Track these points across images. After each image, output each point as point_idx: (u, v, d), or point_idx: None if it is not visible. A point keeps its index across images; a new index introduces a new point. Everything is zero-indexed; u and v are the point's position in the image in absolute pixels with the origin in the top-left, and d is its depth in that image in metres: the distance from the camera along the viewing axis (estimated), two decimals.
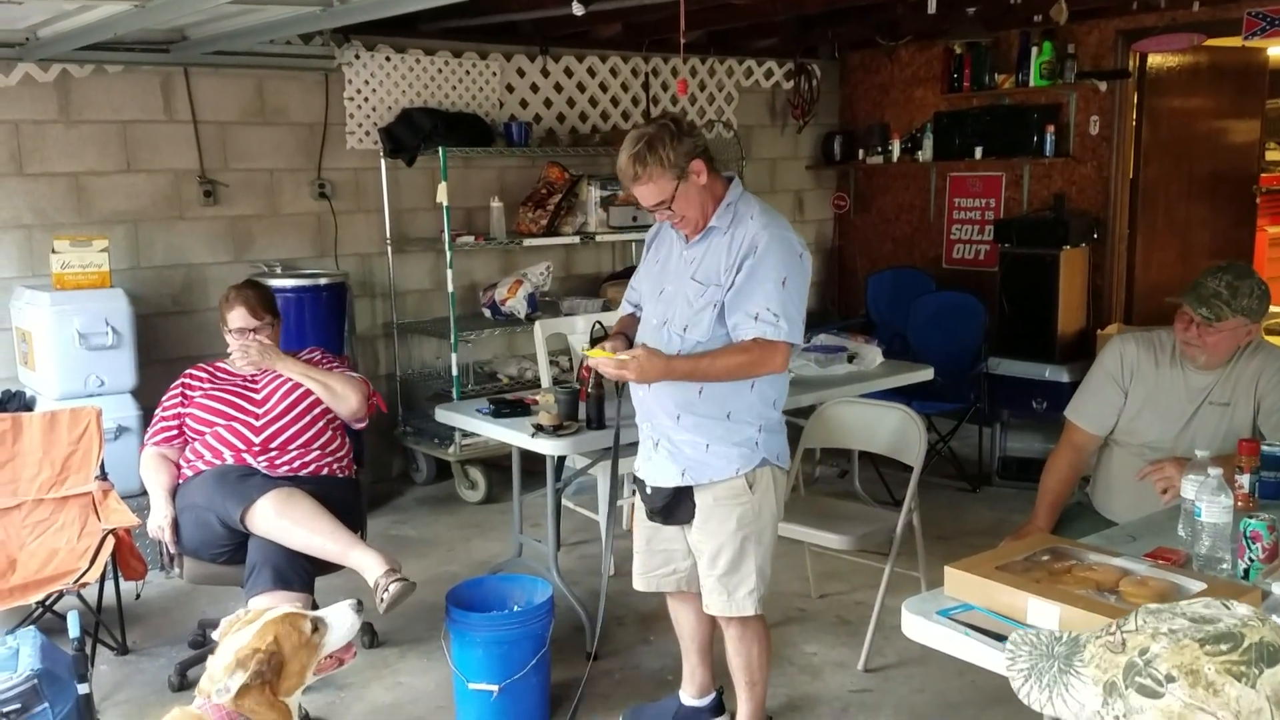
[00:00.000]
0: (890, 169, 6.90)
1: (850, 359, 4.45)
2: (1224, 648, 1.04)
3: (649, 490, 2.87)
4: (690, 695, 3.19)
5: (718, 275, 2.66)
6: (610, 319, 5.59)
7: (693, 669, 3.17)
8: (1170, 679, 1.05)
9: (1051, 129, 6.06)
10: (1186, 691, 1.04)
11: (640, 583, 3.02)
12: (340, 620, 2.28)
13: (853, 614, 3.96)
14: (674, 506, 2.83)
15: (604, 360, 2.67)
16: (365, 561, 3.10)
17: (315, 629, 2.21)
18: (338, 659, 2.29)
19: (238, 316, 3.46)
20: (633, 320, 2.99)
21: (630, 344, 2.81)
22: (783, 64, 6.92)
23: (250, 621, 2.17)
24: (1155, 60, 5.93)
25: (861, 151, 6.98)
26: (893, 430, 3.72)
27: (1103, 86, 5.88)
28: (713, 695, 3.18)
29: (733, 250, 2.65)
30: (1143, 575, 2.07)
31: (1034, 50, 5.99)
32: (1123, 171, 5.99)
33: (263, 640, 2.11)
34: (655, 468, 2.82)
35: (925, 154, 6.62)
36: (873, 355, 4.51)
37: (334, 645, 2.25)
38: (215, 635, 2.23)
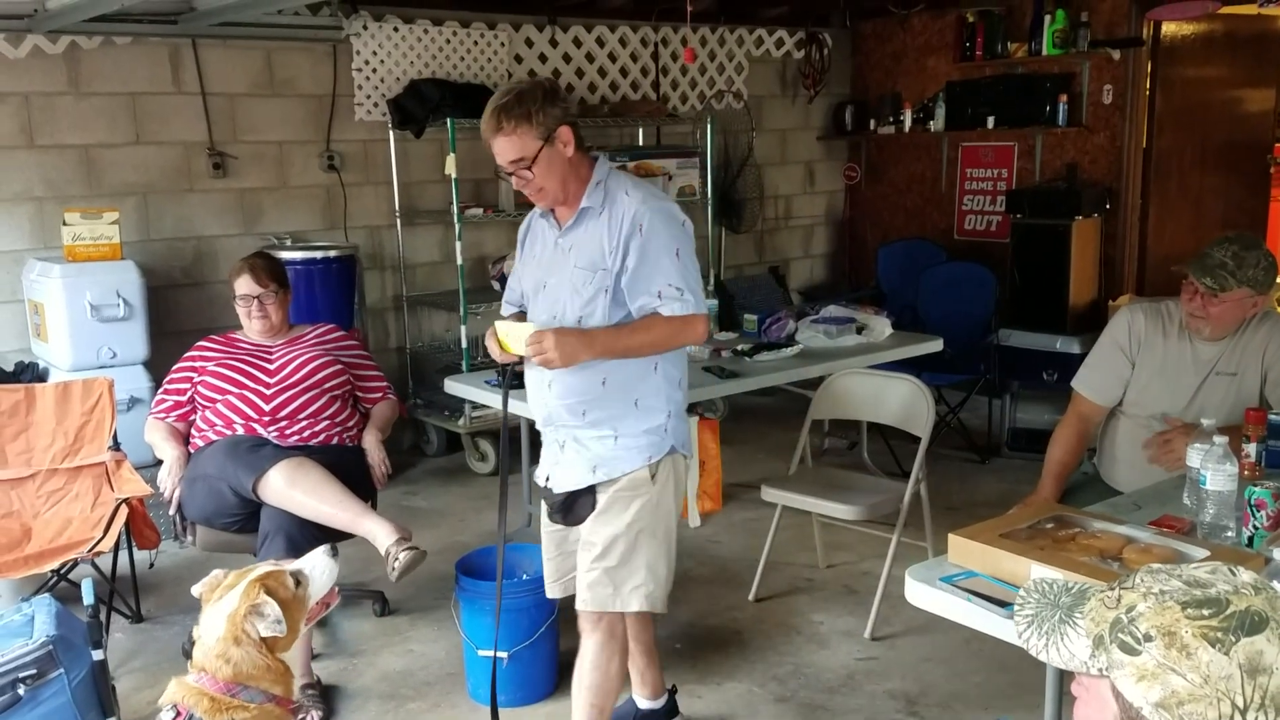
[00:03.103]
0: (902, 139, 6.87)
1: (859, 330, 4.45)
2: (1206, 612, 1.06)
3: (552, 490, 2.66)
4: (645, 697, 3.01)
5: (602, 258, 2.48)
6: None
7: (640, 671, 2.98)
8: (1148, 638, 1.07)
9: (1064, 98, 6.01)
10: (1161, 651, 1.06)
11: (554, 590, 2.81)
12: (319, 568, 2.28)
13: (860, 584, 3.98)
14: (573, 502, 2.62)
15: (516, 331, 2.47)
16: (376, 530, 3.13)
17: (298, 583, 2.21)
18: (323, 604, 2.30)
19: (243, 283, 3.50)
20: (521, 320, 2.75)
21: None
22: (794, 33, 6.87)
23: (231, 585, 2.15)
24: (1170, 28, 5.87)
25: (873, 122, 6.95)
26: (901, 401, 3.72)
27: (1116, 55, 5.83)
28: (665, 696, 3.03)
29: (614, 230, 2.47)
30: (1147, 543, 2.08)
31: (1047, 18, 5.94)
32: (1136, 141, 5.95)
33: (253, 597, 2.10)
34: (565, 470, 2.61)
35: (937, 124, 6.58)
36: (882, 326, 4.51)
37: (317, 594, 2.26)
38: (194, 592, 2.21)
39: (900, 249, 6.65)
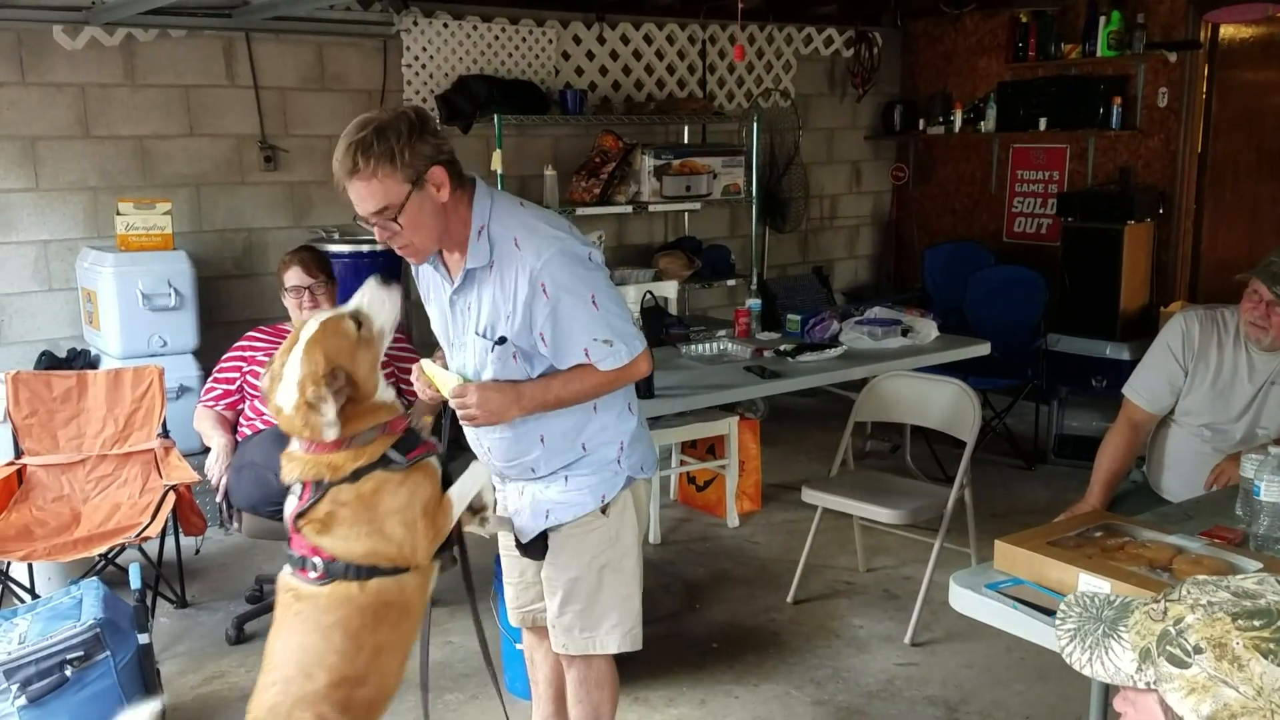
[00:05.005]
0: (951, 140, 6.80)
1: (905, 332, 4.41)
2: (1257, 623, 1.04)
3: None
4: None
5: (500, 324, 2.19)
6: (661, 290, 5.60)
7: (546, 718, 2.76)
8: (1198, 650, 1.05)
9: (1118, 101, 5.92)
10: (1212, 664, 1.04)
11: (515, 617, 2.64)
12: (375, 301, 2.12)
13: (901, 589, 3.94)
14: (529, 543, 2.43)
15: (441, 379, 2.26)
16: None
17: (359, 324, 2.09)
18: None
19: (293, 275, 3.54)
20: None
21: None
22: (843, 31, 6.82)
23: (291, 346, 2.06)
24: (1228, 31, 5.76)
25: (922, 122, 6.88)
26: (947, 405, 3.68)
27: (1172, 58, 5.73)
28: None
29: (507, 293, 2.15)
30: (1197, 554, 2.04)
31: (1102, 19, 5.85)
32: (1191, 145, 5.85)
33: (313, 364, 2.01)
34: (521, 517, 2.40)
35: (988, 125, 6.50)
36: (928, 329, 4.47)
37: (384, 323, 2.12)
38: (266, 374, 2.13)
39: (947, 251, 6.58)
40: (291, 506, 2.11)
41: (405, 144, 2.02)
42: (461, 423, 2.33)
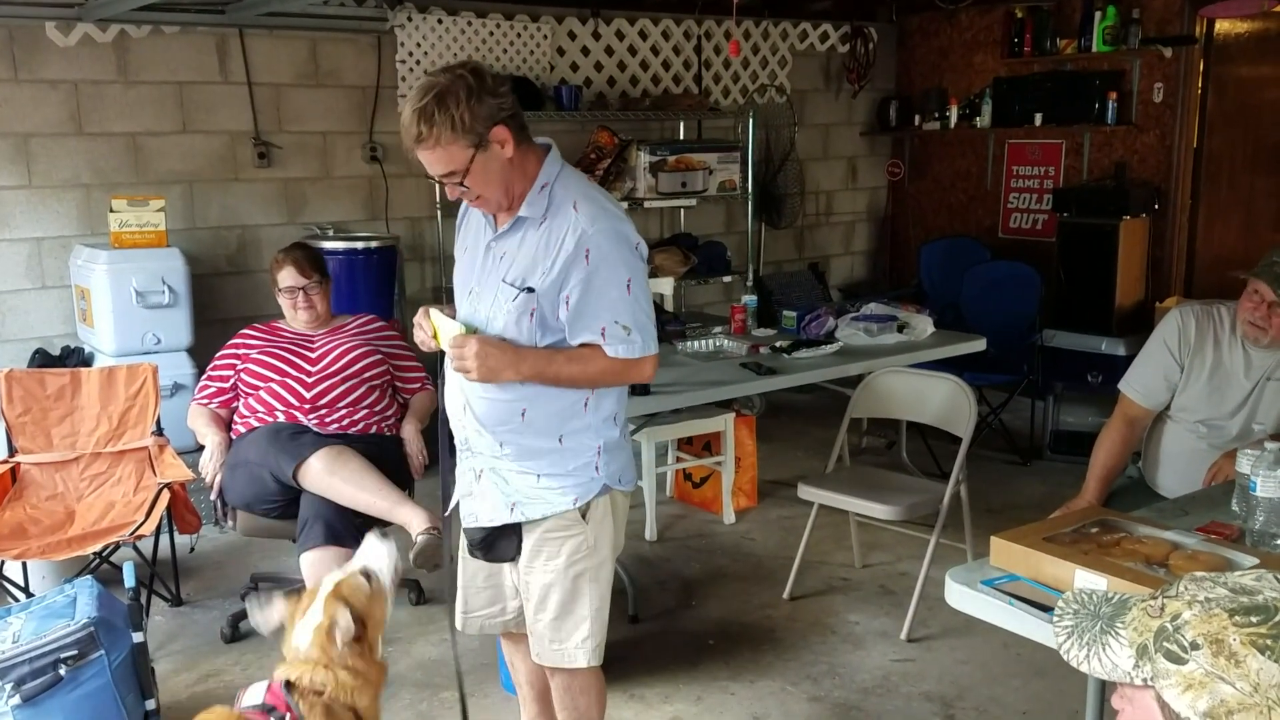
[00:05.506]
0: (947, 136, 6.79)
1: (900, 328, 4.40)
2: (1254, 619, 1.04)
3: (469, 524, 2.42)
4: None
5: (533, 276, 2.17)
6: (657, 287, 5.58)
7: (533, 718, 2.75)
8: (1195, 646, 1.05)
9: (1114, 96, 5.92)
10: (1209, 660, 1.04)
11: (460, 621, 2.56)
12: (376, 555, 2.29)
13: (897, 584, 3.94)
14: (495, 540, 2.36)
15: (445, 327, 2.21)
16: (411, 518, 3.15)
17: (369, 579, 2.24)
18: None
19: (287, 275, 3.53)
20: None
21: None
22: (838, 27, 6.81)
23: (309, 605, 2.19)
24: (1223, 26, 5.76)
25: (918, 117, 6.87)
26: (942, 401, 3.68)
27: (1168, 53, 5.72)
28: None
29: (551, 247, 2.15)
30: (1193, 549, 2.04)
31: (1097, 15, 5.85)
32: (1186, 141, 5.85)
33: (335, 604, 2.14)
34: (480, 503, 2.33)
35: (983, 120, 6.50)
36: (924, 325, 4.46)
37: (390, 579, 2.28)
38: (262, 620, 2.24)
39: (943, 247, 6.58)
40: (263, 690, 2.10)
41: (465, 109, 2.06)
42: (448, 376, 2.32)
